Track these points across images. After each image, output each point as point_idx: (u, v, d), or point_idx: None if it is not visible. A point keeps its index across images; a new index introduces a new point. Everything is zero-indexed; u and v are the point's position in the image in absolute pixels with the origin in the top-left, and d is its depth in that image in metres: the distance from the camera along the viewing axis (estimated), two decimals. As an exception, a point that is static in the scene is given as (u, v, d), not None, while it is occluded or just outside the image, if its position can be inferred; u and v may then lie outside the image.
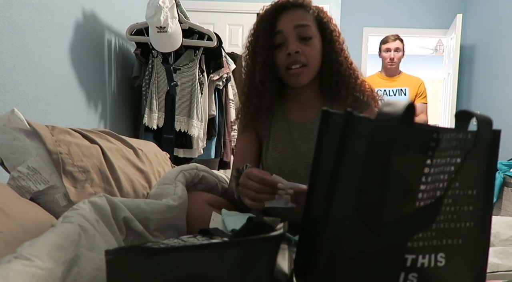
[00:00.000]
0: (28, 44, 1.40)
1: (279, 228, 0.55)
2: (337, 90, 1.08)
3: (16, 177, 0.83)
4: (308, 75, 1.06)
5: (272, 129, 1.14)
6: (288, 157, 1.09)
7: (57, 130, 0.93)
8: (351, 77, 1.09)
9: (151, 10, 1.92)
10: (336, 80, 1.07)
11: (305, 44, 1.04)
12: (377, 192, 0.43)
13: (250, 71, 1.11)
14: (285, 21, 1.04)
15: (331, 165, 0.49)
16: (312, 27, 1.05)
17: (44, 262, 0.46)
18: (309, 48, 1.04)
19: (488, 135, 0.47)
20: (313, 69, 1.06)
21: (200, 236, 0.60)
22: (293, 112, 1.14)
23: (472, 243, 0.48)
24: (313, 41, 1.05)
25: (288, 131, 1.11)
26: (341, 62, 1.08)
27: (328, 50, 1.07)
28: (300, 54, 1.03)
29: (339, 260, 0.47)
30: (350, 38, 4.19)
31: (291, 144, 1.10)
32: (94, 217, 0.66)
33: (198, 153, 2.28)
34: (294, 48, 1.02)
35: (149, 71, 2.22)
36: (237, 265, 0.43)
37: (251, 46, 1.11)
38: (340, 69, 1.07)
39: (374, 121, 0.44)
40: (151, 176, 1.19)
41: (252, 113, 1.13)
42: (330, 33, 1.08)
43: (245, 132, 1.17)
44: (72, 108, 1.75)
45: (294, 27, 1.03)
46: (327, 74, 1.08)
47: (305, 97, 1.13)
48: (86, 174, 0.92)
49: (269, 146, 1.12)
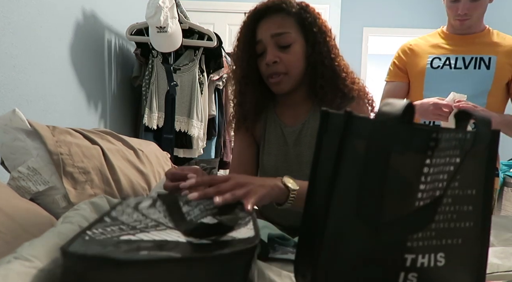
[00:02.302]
0: (28, 44, 1.40)
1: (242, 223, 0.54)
2: (323, 93, 1.05)
3: (16, 177, 0.83)
4: (289, 83, 1.05)
5: (267, 132, 1.15)
6: (282, 160, 1.10)
7: (58, 131, 0.93)
8: (338, 79, 1.05)
9: (151, 10, 1.92)
10: (320, 84, 1.04)
11: (284, 52, 1.02)
12: (377, 191, 0.43)
13: (235, 79, 1.12)
14: (263, 30, 1.03)
15: (331, 165, 0.49)
16: (292, 33, 1.02)
17: (43, 263, 0.46)
18: (289, 55, 1.02)
19: (487, 135, 0.48)
20: (294, 76, 1.04)
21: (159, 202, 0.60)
22: (284, 115, 1.14)
23: (472, 243, 0.48)
24: (293, 48, 1.02)
25: (281, 134, 1.12)
26: (326, 65, 1.04)
27: (312, 53, 1.03)
28: (279, 63, 1.02)
29: (338, 260, 0.47)
30: (350, 38, 4.21)
31: (285, 147, 1.11)
32: (94, 217, 0.66)
33: (198, 153, 2.28)
34: (272, 59, 1.01)
35: (149, 71, 2.22)
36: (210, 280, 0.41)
37: (235, 54, 1.11)
38: (324, 72, 1.04)
39: (374, 121, 0.44)
40: (151, 177, 1.19)
41: (242, 118, 1.15)
42: (313, 35, 1.03)
43: (239, 135, 1.18)
44: (72, 108, 1.75)
45: (272, 36, 1.01)
46: (312, 77, 1.06)
47: (294, 100, 1.12)
48: (86, 175, 0.92)
49: (265, 149, 1.14)
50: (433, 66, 1.57)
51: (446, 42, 1.59)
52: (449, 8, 1.53)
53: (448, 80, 1.53)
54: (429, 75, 1.57)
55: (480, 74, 1.50)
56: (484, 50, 1.52)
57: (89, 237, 0.46)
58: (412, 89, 1.64)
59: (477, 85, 1.49)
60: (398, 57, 1.68)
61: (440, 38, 1.62)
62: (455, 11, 1.50)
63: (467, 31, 1.55)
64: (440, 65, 1.55)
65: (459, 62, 1.54)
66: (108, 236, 0.47)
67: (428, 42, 1.63)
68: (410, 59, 1.63)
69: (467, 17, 1.49)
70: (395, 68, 1.68)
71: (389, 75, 1.71)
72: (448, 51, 1.57)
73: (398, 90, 1.67)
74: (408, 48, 1.65)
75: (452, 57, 1.55)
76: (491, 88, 1.49)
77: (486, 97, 1.50)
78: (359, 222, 0.45)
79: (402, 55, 1.66)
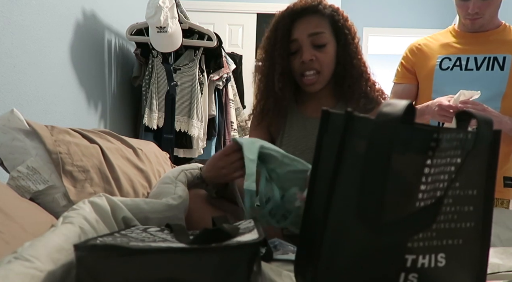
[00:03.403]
0: (28, 44, 1.40)
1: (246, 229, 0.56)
2: (350, 93, 1.11)
3: (15, 177, 0.83)
4: (322, 82, 1.10)
5: (287, 126, 1.18)
6: (301, 152, 1.11)
7: (56, 130, 0.93)
8: (363, 79, 1.12)
9: (151, 10, 1.92)
10: (348, 84, 1.11)
11: (319, 51, 1.07)
12: (377, 192, 0.43)
13: (268, 77, 1.14)
14: (300, 30, 1.07)
15: (331, 165, 0.48)
16: (327, 33, 1.07)
17: (43, 264, 0.46)
18: (323, 54, 1.07)
19: (489, 135, 0.47)
20: (326, 76, 1.10)
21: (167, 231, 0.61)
22: (308, 108, 1.18)
23: (473, 243, 0.48)
24: (327, 48, 1.08)
25: (303, 127, 1.16)
26: (355, 65, 1.10)
27: (342, 53, 1.10)
28: (314, 61, 1.07)
29: (339, 260, 0.47)
30: (350, 38, 4.22)
31: (305, 139, 1.14)
32: (94, 217, 0.66)
33: (198, 153, 2.28)
34: (308, 57, 1.06)
35: (149, 71, 2.22)
36: (215, 271, 0.43)
37: (267, 52, 1.14)
38: (353, 72, 1.10)
39: (374, 121, 0.44)
40: (151, 175, 1.19)
41: (268, 116, 1.17)
42: (344, 37, 1.10)
43: (257, 130, 1.21)
44: (72, 108, 1.75)
45: (308, 35, 1.06)
46: (341, 77, 1.11)
47: (320, 95, 1.16)
48: (85, 173, 0.92)
49: (283, 141, 1.17)
50: (442, 67, 1.46)
51: (457, 41, 1.46)
52: (458, 6, 1.39)
53: (458, 82, 1.40)
54: (437, 77, 1.46)
55: (493, 76, 1.38)
56: (498, 49, 1.39)
57: (100, 242, 0.48)
58: (421, 92, 1.54)
59: (489, 88, 1.36)
60: (406, 58, 1.57)
61: (451, 36, 1.49)
62: (465, 10, 1.36)
63: (480, 29, 1.41)
64: (450, 66, 1.44)
65: (470, 63, 1.41)
66: (118, 240, 0.49)
67: (438, 41, 1.51)
68: (419, 59, 1.52)
69: (478, 16, 1.36)
70: (403, 69, 1.58)
71: (396, 77, 1.60)
72: (459, 50, 1.44)
73: (406, 92, 1.56)
74: (416, 48, 1.54)
75: (463, 58, 1.42)
76: (506, 91, 1.37)
77: (500, 101, 1.37)
78: (359, 222, 0.45)
79: (410, 56, 1.55)
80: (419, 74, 1.53)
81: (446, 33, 1.53)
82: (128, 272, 0.42)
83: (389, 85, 1.66)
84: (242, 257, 0.45)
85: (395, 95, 1.60)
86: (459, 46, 1.45)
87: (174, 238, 0.57)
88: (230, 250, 0.45)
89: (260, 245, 0.48)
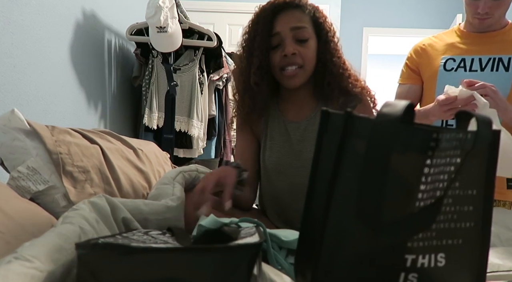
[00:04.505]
0: (28, 44, 1.40)
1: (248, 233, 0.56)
2: (330, 91, 1.09)
3: (16, 177, 0.83)
4: (303, 77, 1.08)
5: (269, 128, 1.16)
6: (285, 156, 1.11)
7: (57, 131, 0.93)
8: (343, 77, 1.10)
9: (151, 10, 1.92)
10: (328, 81, 1.09)
11: (302, 45, 1.05)
12: (377, 192, 0.43)
13: (245, 72, 1.11)
14: (282, 23, 1.05)
15: (331, 165, 0.48)
16: (309, 28, 1.06)
17: (43, 264, 0.46)
18: (306, 49, 1.05)
19: (488, 135, 0.47)
20: (308, 71, 1.08)
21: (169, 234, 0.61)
22: (288, 112, 1.16)
23: (472, 243, 0.48)
24: (309, 43, 1.06)
25: (284, 131, 1.13)
26: (335, 63, 1.09)
27: (323, 51, 1.08)
28: (296, 56, 1.04)
29: (339, 260, 0.47)
30: (350, 38, 4.21)
31: (288, 143, 1.12)
32: (94, 217, 0.66)
33: (198, 153, 2.28)
34: (291, 50, 1.03)
35: (149, 71, 2.22)
36: (215, 271, 0.43)
37: (246, 46, 1.11)
38: (333, 70, 1.08)
39: (374, 121, 0.44)
40: (151, 176, 1.19)
41: (245, 114, 1.15)
42: (325, 34, 1.09)
43: (242, 131, 1.19)
44: (72, 108, 1.75)
45: (291, 29, 1.04)
46: (321, 74, 1.10)
47: (299, 97, 1.14)
48: (86, 174, 0.92)
49: (267, 145, 1.14)
50: (447, 68, 1.43)
51: (462, 41, 1.44)
52: (468, 5, 1.36)
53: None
54: (441, 78, 1.42)
55: (497, 77, 1.35)
56: (504, 49, 1.36)
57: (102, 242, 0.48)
58: (425, 93, 1.51)
59: None
60: (410, 58, 1.55)
61: (456, 36, 1.47)
62: (474, 9, 1.33)
63: (487, 29, 1.39)
64: (454, 67, 1.42)
65: (475, 64, 1.39)
66: (120, 242, 0.49)
67: (443, 41, 1.49)
68: (423, 60, 1.50)
69: (488, 16, 1.33)
70: (408, 69, 1.55)
71: (401, 77, 1.58)
72: (464, 51, 1.42)
73: (411, 93, 1.54)
74: (421, 48, 1.52)
75: (468, 59, 1.40)
76: (510, 92, 1.33)
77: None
78: (359, 222, 0.45)
79: (415, 56, 1.53)
80: (424, 75, 1.52)
81: (451, 33, 1.51)
82: (128, 271, 0.42)
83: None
84: (242, 258, 0.45)
85: (399, 96, 1.58)
86: (463, 47, 1.44)
87: (176, 241, 0.57)
88: (231, 251, 0.45)
89: (260, 247, 0.48)
